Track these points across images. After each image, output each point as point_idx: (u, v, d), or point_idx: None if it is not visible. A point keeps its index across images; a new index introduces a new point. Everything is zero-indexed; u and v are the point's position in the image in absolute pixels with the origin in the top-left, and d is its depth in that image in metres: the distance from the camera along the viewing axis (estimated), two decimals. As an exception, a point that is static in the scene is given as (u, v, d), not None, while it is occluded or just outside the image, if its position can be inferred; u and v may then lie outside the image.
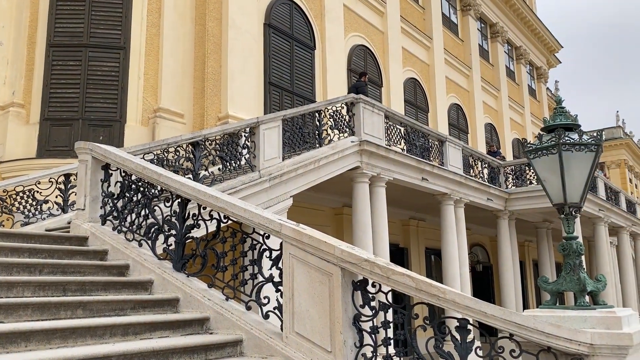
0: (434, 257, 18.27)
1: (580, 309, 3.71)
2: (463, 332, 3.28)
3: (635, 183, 54.82)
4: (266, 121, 8.50)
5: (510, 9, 28.03)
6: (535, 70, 32.51)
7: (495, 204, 16.42)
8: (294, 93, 13.67)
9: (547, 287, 4.04)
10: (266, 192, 8.22)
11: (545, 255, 19.68)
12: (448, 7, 23.22)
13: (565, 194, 4.11)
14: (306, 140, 9.68)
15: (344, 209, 13.82)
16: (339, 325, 3.60)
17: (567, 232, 4.18)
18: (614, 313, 3.54)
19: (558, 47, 33.98)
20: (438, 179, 13.34)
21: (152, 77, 11.68)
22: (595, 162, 4.15)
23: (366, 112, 10.98)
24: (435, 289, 3.30)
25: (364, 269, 3.56)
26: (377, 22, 17.82)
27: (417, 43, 20.22)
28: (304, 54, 14.30)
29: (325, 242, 3.71)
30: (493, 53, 26.80)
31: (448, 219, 14.05)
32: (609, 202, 20.73)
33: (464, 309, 3.26)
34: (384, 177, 11.33)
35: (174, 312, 4.61)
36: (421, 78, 20.24)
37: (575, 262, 3.99)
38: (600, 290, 3.97)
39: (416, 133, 13.06)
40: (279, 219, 4.10)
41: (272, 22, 13.39)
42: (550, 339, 3.15)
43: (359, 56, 16.74)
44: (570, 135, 4.07)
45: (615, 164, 50.67)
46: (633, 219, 24.99)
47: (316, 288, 3.77)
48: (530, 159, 4.31)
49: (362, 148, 10.58)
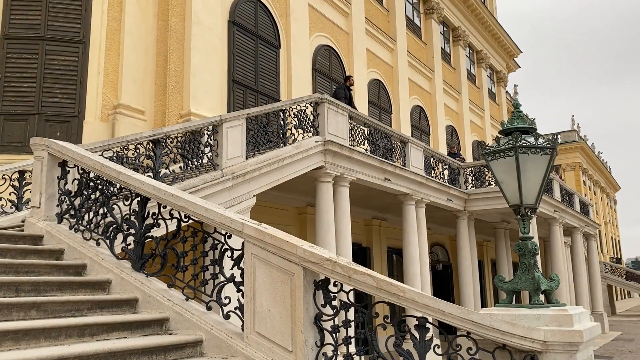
0: (395, 256, 18.50)
1: (534, 307, 3.83)
2: (422, 330, 3.34)
3: (589, 185, 56.84)
4: (229, 119, 8.43)
5: (472, 13, 28.62)
6: (495, 74, 33.30)
7: (455, 204, 16.75)
8: (258, 91, 13.60)
9: (503, 286, 4.15)
10: (229, 191, 8.16)
11: (502, 255, 20.21)
12: (412, 10, 23.53)
13: (521, 196, 4.23)
14: (270, 140, 9.65)
15: (308, 208, 13.85)
16: (300, 324, 3.60)
17: (522, 233, 4.31)
18: (566, 311, 3.67)
19: (517, 52, 34.89)
20: (400, 179, 13.52)
21: (113, 72, 11.41)
22: (550, 164, 4.29)
23: (330, 112, 11.03)
24: (395, 288, 3.35)
25: (326, 268, 3.58)
26: (342, 23, 17.91)
27: (381, 45, 20.42)
28: (269, 52, 14.24)
29: (288, 242, 3.71)
30: (455, 56, 27.31)
31: (409, 218, 14.25)
32: (563, 204, 21.43)
33: (423, 308, 3.32)
34: (348, 177, 11.40)
35: (133, 313, 4.53)
36: (385, 80, 20.45)
37: (530, 262, 4.11)
38: (554, 289, 4.11)
39: (379, 134, 13.19)
40: (241, 219, 4.08)
41: (237, 19, 13.28)
42: (505, 337, 3.24)
43: (324, 56, 16.79)
44: (527, 139, 4.19)
45: (570, 167, 52.40)
46: (586, 219, 25.91)
47: (278, 288, 3.77)
48: (488, 161, 4.42)
49: (326, 148, 10.62)
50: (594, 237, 28.50)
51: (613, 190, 75.82)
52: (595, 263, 28.39)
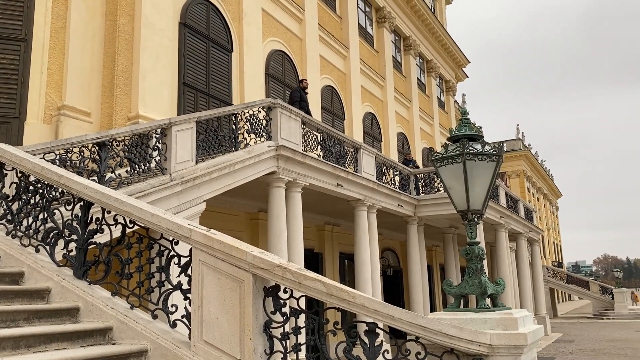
0: (347, 262, 18.58)
1: (481, 311, 3.90)
2: (371, 335, 3.33)
3: (533, 192, 59.04)
4: (179, 122, 8.25)
5: (422, 23, 29.26)
6: (444, 83, 34.15)
7: (406, 210, 17.01)
8: (210, 95, 13.39)
9: (451, 290, 4.21)
10: (177, 196, 7.97)
11: (451, 260, 20.66)
12: (364, 19, 23.83)
13: (468, 202, 4.32)
14: (221, 144, 9.50)
15: (260, 214, 13.73)
16: (249, 332, 3.53)
17: (470, 238, 4.39)
18: (512, 315, 3.75)
19: (466, 62, 35.92)
20: (352, 185, 13.61)
21: (57, 72, 10.97)
22: (496, 171, 4.40)
23: (283, 117, 10.98)
24: (345, 294, 3.34)
25: (276, 274, 3.53)
26: (295, 29, 17.92)
27: (335, 52, 20.56)
28: (221, 55, 14.07)
29: (237, 248, 3.63)
30: (406, 65, 27.83)
31: (361, 224, 14.36)
32: (509, 210, 22.15)
33: (373, 313, 3.32)
34: (300, 182, 11.38)
35: (74, 322, 4.33)
36: (338, 86, 20.59)
37: (477, 267, 4.19)
38: (500, 293, 4.20)
39: (332, 140, 13.25)
40: (189, 224, 3.97)
41: (188, 21, 13.06)
42: (453, 341, 3.28)
43: (277, 61, 16.74)
44: (474, 146, 4.29)
45: (515, 174, 54.30)
46: (530, 225, 26.88)
47: (226, 295, 3.68)
48: (437, 167, 4.49)
49: (278, 153, 10.56)
50: (537, 242, 29.59)
51: (555, 197, 79.07)
52: (538, 267, 29.47)
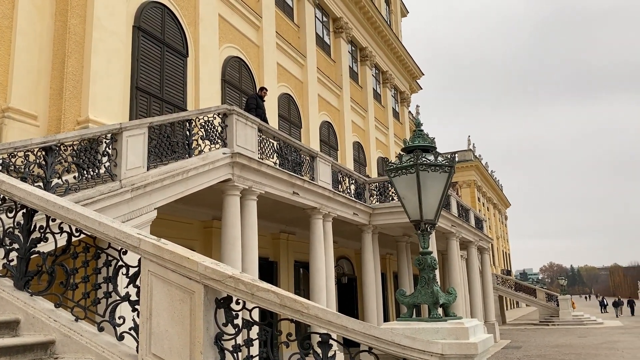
0: (302, 270, 18.53)
1: (433, 320, 3.94)
2: (325, 347, 3.31)
3: (483, 202, 60.67)
4: (130, 127, 8.03)
5: (378, 35, 29.72)
6: (399, 94, 34.74)
7: (361, 218, 17.14)
8: (163, 100, 13.13)
9: (404, 300, 4.24)
10: (127, 203, 7.74)
11: (404, 268, 20.92)
12: (322, 28, 24.00)
13: (421, 211, 4.37)
14: (175, 150, 9.31)
15: (214, 222, 13.52)
16: (200, 345, 3.44)
17: (422, 247, 4.44)
18: (462, 324, 3.81)
19: (420, 75, 36.68)
20: (308, 193, 13.60)
21: (2, 73, 10.51)
22: (449, 182, 4.47)
23: (239, 124, 10.88)
24: (299, 305, 3.30)
25: (228, 285, 3.46)
26: (252, 36, 17.84)
27: (292, 60, 20.59)
28: (176, 60, 13.84)
29: (188, 259, 3.54)
30: (362, 75, 28.16)
31: (317, 232, 14.36)
32: (460, 219, 22.66)
33: (326, 324, 3.30)
34: (256, 190, 11.28)
35: (13, 336, 4.11)
36: (295, 94, 20.61)
37: (429, 276, 4.24)
38: (451, 303, 4.26)
39: (289, 148, 13.22)
40: (138, 233, 3.85)
41: (142, 25, 12.79)
42: (406, 351, 3.30)
43: (234, 68, 16.61)
44: (427, 157, 4.35)
45: (467, 184, 55.68)
46: (480, 234, 27.57)
47: (176, 307, 3.58)
48: (391, 177, 4.53)
49: (234, 160, 10.44)
50: (487, 251, 30.38)
51: (504, 206, 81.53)
52: (488, 275, 30.24)
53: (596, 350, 22.05)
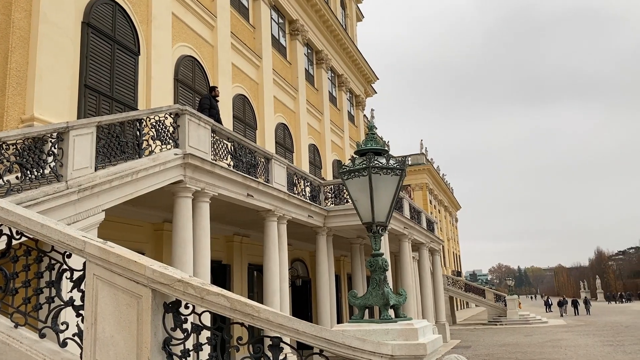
0: (256, 273, 18.40)
1: (384, 322, 3.98)
2: (275, 350, 3.28)
3: (435, 204, 61.96)
4: (78, 127, 7.77)
5: (334, 38, 29.91)
6: (354, 97, 35.06)
7: (316, 220, 17.17)
8: (113, 99, 12.77)
9: (355, 301, 4.27)
10: (74, 205, 7.48)
11: (358, 269, 21.10)
12: (278, 30, 23.94)
13: (373, 214, 4.41)
14: (124, 151, 9.07)
15: (165, 224, 13.24)
16: (147, 350, 3.36)
17: (374, 249, 4.48)
18: (412, 325, 3.86)
19: (375, 79, 37.14)
20: (263, 195, 13.52)
21: (-62, 67, 9.97)
22: (400, 184, 4.53)
23: (192, 125, 10.70)
24: (250, 309, 3.27)
25: (177, 289, 3.38)
26: (207, 35, 17.61)
27: (247, 61, 20.44)
28: (127, 58, 13.49)
29: (135, 262, 3.45)
30: (318, 78, 28.26)
31: (271, 235, 14.29)
32: (412, 221, 23.05)
33: (277, 327, 3.28)
34: (209, 192, 11.12)
35: (-55, 346, 3.89)
36: (250, 95, 20.46)
37: (380, 278, 4.28)
38: (402, 304, 4.31)
39: (243, 149, 13.10)
40: (83, 236, 3.72)
41: (92, 21, 12.40)
42: (356, 353, 3.31)
43: (187, 67, 16.34)
44: (379, 160, 4.40)
45: (419, 187, 56.74)
46: (432, 236, 28.13)
47: (123, 312, 3.48)
48: (344, 179, 4.56)
49: (186, 161, 10.26)
50: (438, 252, 31.02)
51: (455, 209, 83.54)
52: (439, 276, 30.87)
53: (541, 348, 22.87)
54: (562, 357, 19.67)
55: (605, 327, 33.80)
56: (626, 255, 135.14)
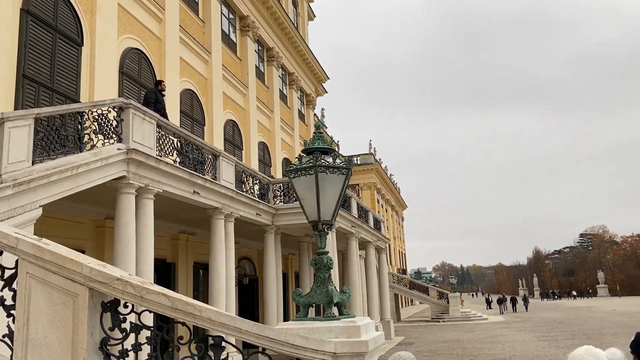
0: (202, 272, 18.12)
1: (327, 320, 4.00)
2: (217, 349, 3.25)
3: (382, 203, 62.92)
4: (13, 118, 7.41)
5: (285, 36, 29.84)
6: (305, 96, 35.11)
7: (264, 218, 17.09)
8: (54, 90, 12.26)
9: (299, 300, 4.28)
10: (8, 200, 7.13)
11: (305, 268, 21.17)
12: (228, 25, 23.64)
13: (319, 212, 4.44)
14: (64, 145, 8.72)
15: (107, 221, 12.84)
16: (83, 351, 3.24)
17: (319, 248, 4.51)
18: (355, 322, 3.90)
19: (325, 78, 37.32)
20: (210, 193, 13.33)
21: None
22: (346, 183, 4.58)
23: (136, 119, 10.41)
24: (191, 308, 3.21)
25: (116, 288, 3.29)
26: (154, 28, 17.18)
27: (196, 55, 20.08)
28: (70, 49, 12.97)
29: (72, 260, 3.32)
30: (269, 76, 28.12)
31: (218, 233, 14.11)
32: (360, 220, 23.33)
33: (220, 327, 3.24)
34: (153, 188, 10.86)
35: None
36: (199, 91, 20.12)
37: (325, 276, 4.31)
38: (345, 301, 4.36)
39: (190, 145, 12.87)
40: (16, 233, 3.55)
41: (32, 9, 11.85)
42: (299, 351, 3.32)
43: (134, 60, 15.89)
44: (326, 158, 4.42)
45: (367, 186, 57.46)
46: (378, 234, 28.57)
47: (58, 311, 3.34)
48: (291, 178, 4.56)
49: (129, 157, 9.97)
50: (384, 251, 31.55)
51: (401, 208, 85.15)
52: (384, 274, 31.40)
53: (481, 344, 23.66)
54: (500, 352, 20.42)
55: (541, 323, 35.34)
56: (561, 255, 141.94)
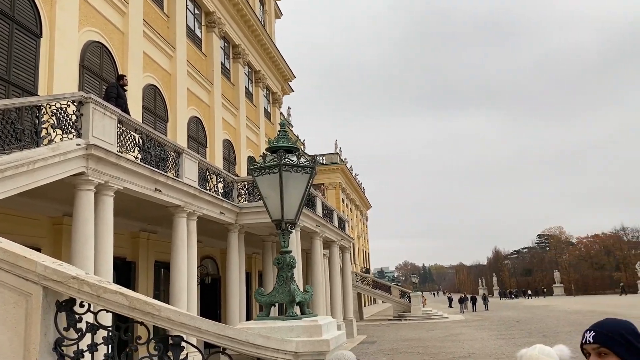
0: (163, 271, 17.82)
1: (289, 319, 3.99)
2: (176, 349, 3.19)
3: (347, 203, 63.27)
4: (-34, 111, 7.12)
5: (252, 34, 29.62)
6: (271, 95, 34.95)
7: (228, 217, 16.93)
8: (10, 83, 11.84)
9: (261, 299, 4.25)
10: (-41, 195, 6.86)
11: (269, 267, 21.08)
12: (193, 21, 23.31)
13: (283, 211, 4.42)
14: (20, 139, 8.44)
15: (65, 218, 12.48)
16: (36, 352, 3.14)
17: (283, 247, 4.49)
18: (317, 322, 3.91)
19: (292, 77, 37.24)
20: (172, 190, 13.12)
21: None
22: (310, 183, 4.58)
23: (97, 114, 10.16)
24: (150, 307, 3.15)
25: (71, 287, 3.19)
26: (117, 21, 16.79)
27: (160, 50, 19.73)
28: (28, 41, 12.55)
29: (25, 258, 3.21)
30: (234, 73, 27.87)
31: (180, 231, 13.90)
32: (324, 219, 23.39)
33: (179, 326, 3.19)
34: (113, 185, 10.61)
35: None
36: (162, 86, 19.77)
37: (287, 275, 4.29)
38: (308, 301, 4.35)
39: (152, 142, 12.63)
40: (-34, 229, 3.41)
41: (-13, -4, 11.42)
42: (260, 351, 3.30)
43: (95, 53, 15.48)
44: (290, 157, 4.41)
45: (332, 186, 57.68)
46: (343, 234, 28.70)
47: (9, 311, 3.23)
48: (255, 176, 4.53)
49: (89, 152, 9.72)
50: (348, 250, 31.72)
51: (365, 208, 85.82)
52: (348, 274, 31.57)
53: (441, 342, 24.06)
54: (460, 350, 20.81)
55: (500, 322, 36.19)
56: (520, 255, 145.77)
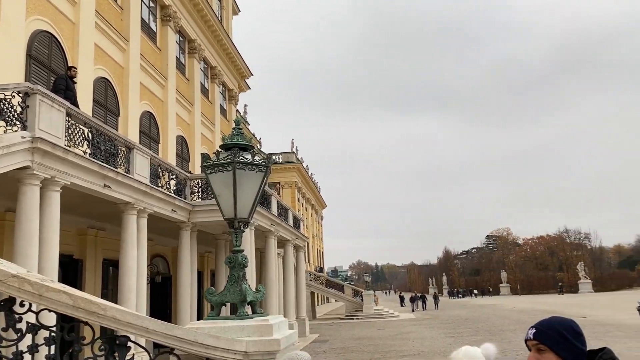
0: (112, 269, 17.33)
1: (239, 318, 3.95)
2: (122, 350, 3.11)
3: (302, 202, 63.34)
4: None
5: (208, 29, 29.20)
6: (227, 91, 34.55)
7: (180, 215, 16.64)
8: (-51, 70, 11.26)
9: (212, 298, 4.19)
10: None
11: (222, 266, 20.82)
12: (148, 14, 22.78)
13: (236, 210, 4.37)
14: (-41, 130, 8.03)
15: (7, 214, 11.95)
16: (-29, 354, 2.99)
17: (235, 245, 4.45)
18: (268, 321, 3.89)
19: (249, 74, 36.94)
20: (122, 187, 12.78)
21: None
22: (265, 181, 4.55)
23: (44, 106, 9.78)
24: (95, 306, 3.06)
25: (11, 286, 3.06)
26: (68, 11, 16.21)
27: (112, 42, 19.17)
28: (-31, 26, 11.96)
29: (-39, 255, 3.06)
30: (190, 68, 27.39)
31: (129, 229, 13.56)
32: (279, 218, 23.33)
33: (126, 326, 3.11)
34: (60, 180, 10.25)
35: None
36: (114, 79, 19.21)
37: (239, 274, 4.25)
38: (259, 300, 4.33)
39: (102, 136, 12.28)
40: None
41: None
42: (209, 351, 3.26)
43: (43, 43, 14.89)
44: (245, 155, 4.37)
45: (288, 185, 57.61)
46: (297, 233, 28.71)
47: (-58, 311, 3.07)
48: (208, 174, 4.46)
49: (34, 146, 9.34)
50: (302, 249, 31.74)
51: (321, 207, 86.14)
52: (302, 273, 31.60)
53: (392, 340, 24.43)
54: (410, 348, 21.19)
55: (449, 321, 37.06)
56: (469, 255, 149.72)
